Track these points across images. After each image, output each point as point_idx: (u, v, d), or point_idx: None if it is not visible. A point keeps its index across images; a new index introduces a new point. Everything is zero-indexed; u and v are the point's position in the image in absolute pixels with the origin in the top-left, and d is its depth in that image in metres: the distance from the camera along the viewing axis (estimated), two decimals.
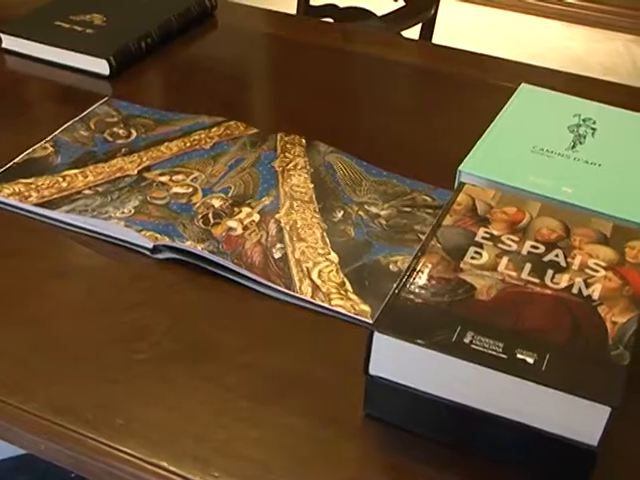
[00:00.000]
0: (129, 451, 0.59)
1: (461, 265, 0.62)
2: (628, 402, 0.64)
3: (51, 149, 0.88)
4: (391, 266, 0.74)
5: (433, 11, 1.65)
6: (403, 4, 1.76)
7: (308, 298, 0.71)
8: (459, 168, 0.76)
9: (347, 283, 0.73)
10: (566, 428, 0.55)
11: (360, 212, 0.81)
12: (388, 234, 0.78)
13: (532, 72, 1.14)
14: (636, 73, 2.99)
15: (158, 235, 0.76)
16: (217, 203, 0.80)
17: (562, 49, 3.07)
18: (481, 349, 0.55)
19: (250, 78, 1.11)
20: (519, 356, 0.55)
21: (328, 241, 0.77)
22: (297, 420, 0.62)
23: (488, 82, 1.08)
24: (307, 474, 0.58)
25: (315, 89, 1.06)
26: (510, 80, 0.95)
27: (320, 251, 0.76)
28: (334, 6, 1.77)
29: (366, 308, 0.70)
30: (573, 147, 0.81)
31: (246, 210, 0.80)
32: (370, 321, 0.68)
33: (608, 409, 0.53)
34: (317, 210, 0.81)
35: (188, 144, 0.90)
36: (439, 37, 1.88)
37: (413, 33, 1.73)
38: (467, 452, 0.60)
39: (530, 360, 0.55)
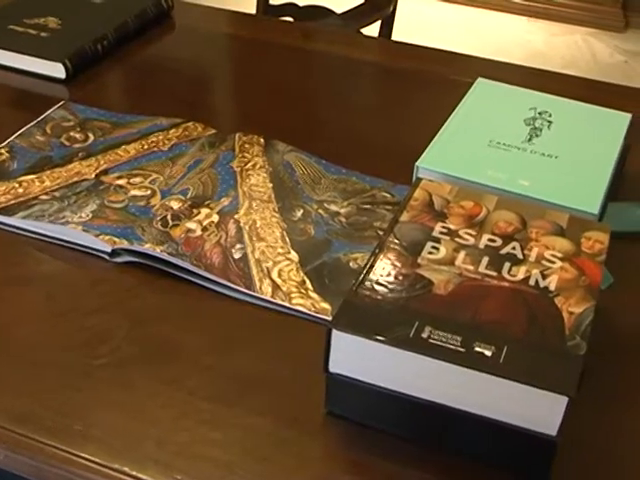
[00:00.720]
0: (89, 457, 0.58)
1: (418, 260, 0.62)
2: (587, 391, 0.65)
3: (6, 155, 0.87)
4: (351, 264, 0.74)
5: (392, 8, 1.65)
6: (362, 2, 1.77)
7: (268, 298, 0.71)
8: (416, 164, 0.77)
9: (307, 282, 0.73)
10: (526, 419, 0.55)
11: (320, 210, 0.81)
12: (348, 232, 0.78)
13: (493, 67, 1.15)
14: (596, 67, 3.02)
15: (116, 239, 0.75)
16: (176, 205, 0.80)
17: (524, 43, 3.09)
18: (439, 343, 0.55)
19: (209, 79, 1.10)
20: (477, 349, 0.55)
21: (288, 240, 0.77)
22: (259, 420, 0.62)
23: (449, 78, 1.08)
24: (270, 474, 0.58)
25: (275, 89, 1.05)
26: (471, 76, 0.95)
27: (280, 250, 0.76)
28: (294, 5, 1.77)
29: (326, 306, 0.70)
30: (529, 140, 0.82)
31: (205, 211, 0.79)
32: (331, 319, 0.68)
33: (565, 399, 0.53)
34: (276, 209, 0.81)
35: (146, 146, 0.89)
36: (401, 34, 1.89)
37: (373, 31, 1.73)
38: (431, 447, 0.60)
39: (488, 353, 0.55)
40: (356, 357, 0.57)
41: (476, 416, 0.56)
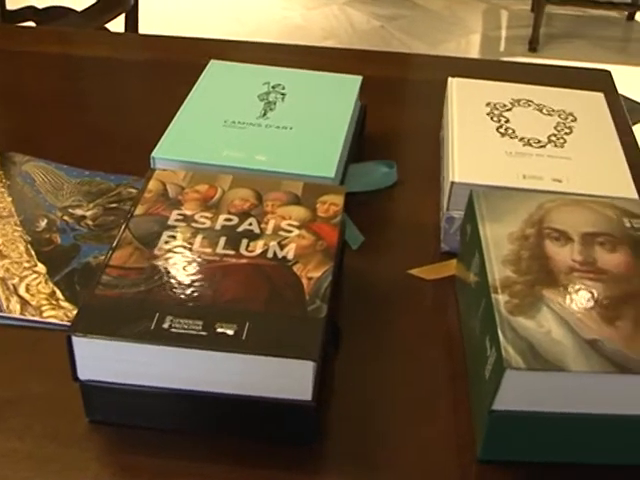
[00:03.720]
0: None
1: (155, 252, 0.61)
2: (347, 349, 0.67)
3: None
4: None
5: (133, 1, 1.62)
6: None
7: (17, 316, 0.68)
8: (152, 155, 0.76)
9: (58, 292, 0.70)
10: (281, 390, 0.56)
11: (65, 217, 0.78)
12: (96, 234, 0.76)
13: (242, 48, 1.15)
14: (356, 35, 3.11)
15: None
16: None
17: (281, 20, 3.13)
18: (181, 331, 0.55)
19: None
20: (219, 330, 0.55)
21: (33, 253, 0.74)
22: (18, 443, 0.59)
23: (198, 64, 1.08)
24: None
25: (11, 99, 1.01)
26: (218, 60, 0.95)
27: (26, 265, 0.73)
28: (32, 7, 1.70)
29: None
30: (264, 115, 0.83)
31: None
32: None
33: (312, 363, 0.54)
34: (18, 223, 0.77)
35: None
36: (156, 27, 1.87)
37: (119, 26, 1.70)
38: (200, 435, 0.60)
39: (230, 332, 0.55)
40: (104, 359, 0.56)
41: (234, 396, 0.57)
